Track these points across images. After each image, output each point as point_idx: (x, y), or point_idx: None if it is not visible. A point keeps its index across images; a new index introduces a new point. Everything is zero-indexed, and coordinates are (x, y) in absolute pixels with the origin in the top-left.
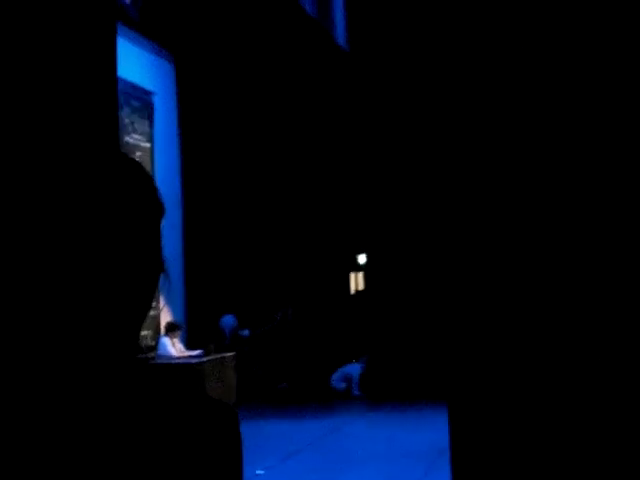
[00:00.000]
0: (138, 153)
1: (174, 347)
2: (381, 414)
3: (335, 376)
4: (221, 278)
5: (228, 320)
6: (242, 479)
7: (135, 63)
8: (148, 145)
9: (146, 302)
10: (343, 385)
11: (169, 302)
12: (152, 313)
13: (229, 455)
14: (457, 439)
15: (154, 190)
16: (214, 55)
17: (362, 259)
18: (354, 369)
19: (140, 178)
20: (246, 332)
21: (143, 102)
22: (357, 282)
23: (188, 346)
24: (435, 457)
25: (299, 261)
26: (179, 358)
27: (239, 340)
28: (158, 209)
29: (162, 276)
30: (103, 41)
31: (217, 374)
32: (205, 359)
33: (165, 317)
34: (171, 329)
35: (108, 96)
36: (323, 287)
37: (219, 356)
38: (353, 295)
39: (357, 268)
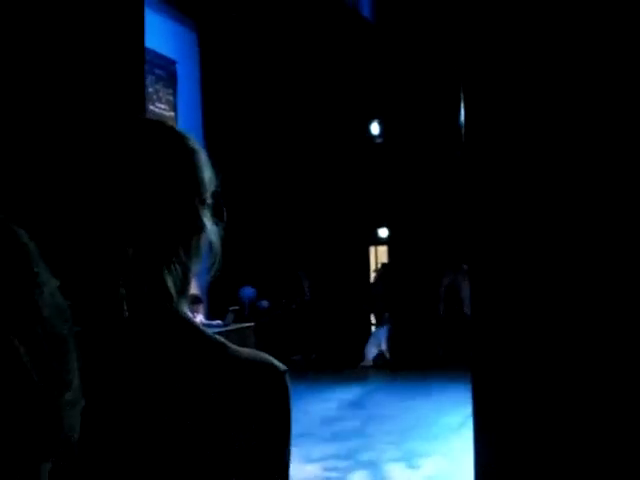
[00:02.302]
0: None
1: (195, 319)
2: (404, 385)
3: (368, 346)
4: (242, 249)
5: (247, 292)
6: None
7: (158, 31)
8: (172, 114)
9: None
10: (375, 351)
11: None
12: None
13: (275, 415)
14: (481, 410)
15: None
16: (237, 24)
17: (383, 233)
18: (381, 333)
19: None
20: (264, 303)
21: (167, 71)
22: (377, 256)
23: (210, 316)
24: (454, 430)
25: (319, 235)
26: None
27: (258, 311)
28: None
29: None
30: (131, 9)
31: (236, 344)
32: (224, 329)
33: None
34: (194, 302)
35: (135, 64)
36: (343, 261)
37: (238, 326)
38: (375, 269)
39: (378, 242)
